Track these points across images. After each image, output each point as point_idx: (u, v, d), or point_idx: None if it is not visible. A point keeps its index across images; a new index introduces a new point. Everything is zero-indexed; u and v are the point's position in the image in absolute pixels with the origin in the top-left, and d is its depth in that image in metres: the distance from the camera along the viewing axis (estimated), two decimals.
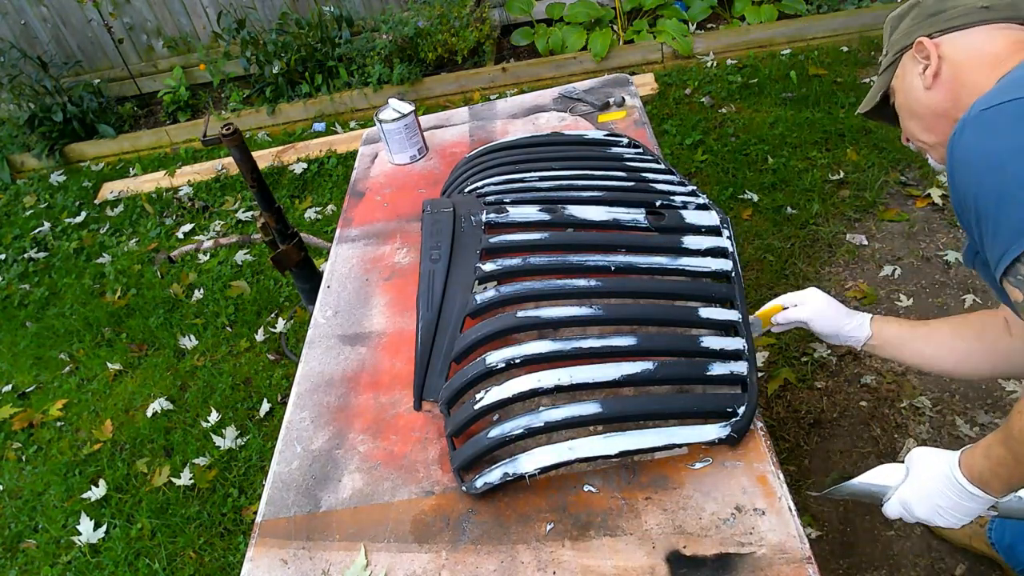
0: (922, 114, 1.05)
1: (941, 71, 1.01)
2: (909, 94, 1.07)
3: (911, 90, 1.06)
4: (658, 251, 1.37)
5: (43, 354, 3.17)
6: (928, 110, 1.04)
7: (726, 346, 1.20)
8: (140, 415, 2.73)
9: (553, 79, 4.11)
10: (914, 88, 1.05)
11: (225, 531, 2.24)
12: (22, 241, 4.02)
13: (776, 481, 1.06)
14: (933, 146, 1.07)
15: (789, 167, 3.06)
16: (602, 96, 2.08)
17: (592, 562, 1.01)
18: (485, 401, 1.16)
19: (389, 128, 1.96)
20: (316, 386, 1.41)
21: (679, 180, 1.60)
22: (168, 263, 3.43)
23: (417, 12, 4.21)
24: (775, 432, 2.10)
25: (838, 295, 2.48)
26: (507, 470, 1.09)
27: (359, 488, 1.20)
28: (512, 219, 1.46)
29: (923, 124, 1.06)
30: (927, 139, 1.07)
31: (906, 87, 1.07)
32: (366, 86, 4.23)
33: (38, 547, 2.36)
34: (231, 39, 4.45)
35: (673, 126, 3.49)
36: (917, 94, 1.05)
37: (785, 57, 3.83)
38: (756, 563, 0.96)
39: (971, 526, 1.73)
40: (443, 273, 1.40)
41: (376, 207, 1.88)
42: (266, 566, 1.12)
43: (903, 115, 1.11)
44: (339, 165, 3.86)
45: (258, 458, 2.41)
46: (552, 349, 1.18)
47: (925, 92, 1.03)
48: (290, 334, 2.88)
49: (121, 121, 4.73)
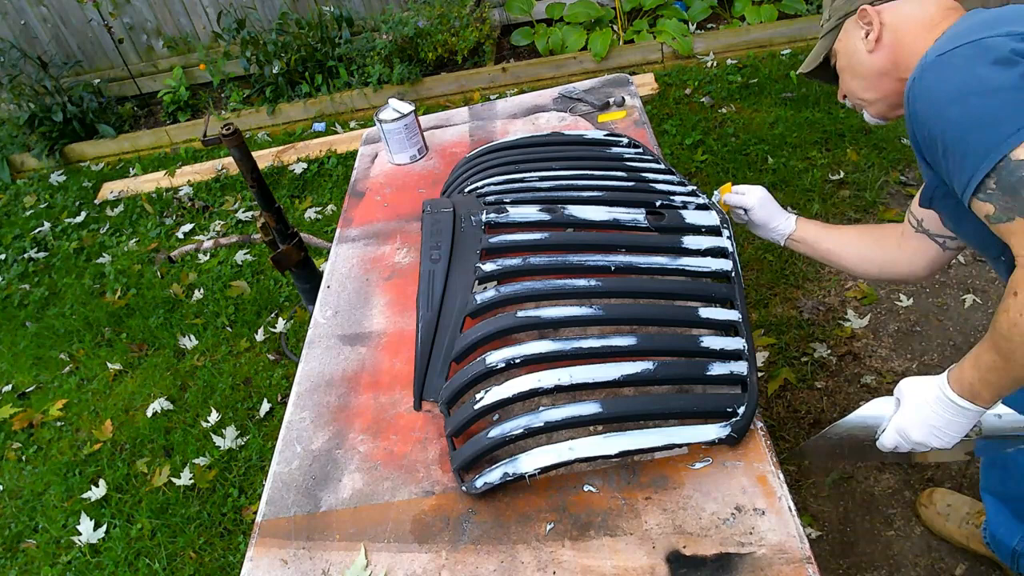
0: (865, 74, 1.17)
1: (883, 36, 1.11)
2: (852, 56, 1.17)
3: (854, 52, 1.17)
4: (658, 251, 1.37)
5: (43, 354, 3.17)
6: (871, 71, 1.15)
7: (726, 346, 1.19)
8: (140, 415, 2.73)
9: (553, 79, 4.11)
10: (857, 51, 1.16)
11: (225, 531, 2.24)
12: (22, 241, 4.02)
13: (776, 481, 1.06)
14: (872, 102, 1.20)
15: (789, 167, 3.06)
16: (602, 96, 2.08)
17: (592, 562, 1.01)
18: (485, 401, 1.16)
19: (389, 128, 1.96)
20: (316, 386, 1.41)
21: (679, 180, 1.60)
22: (168, 263, 3.43)
23: (417, 12, 4.21)
24: (775, 432, 2.10)
25: (838, 295, 2.49)
26: (507, 470, 1.09)
27: (359, 488, 1.20)
28: (512, 219, 1.46)
29: (866, 83, 1.18)
30: (868, 96, 1.19)
31: (849, 50, 1.18)
32: (366, 86, 4.23)
33: (38, 547, 2.36)
34: (231, 39, 4.45)
35: (673, 126, 3.50)
36: (860, 56, 1.15)
37: (785, 57, 3.83)
38: (756, 563, 0.96)
39: (968, 527, 1.74)
40: (443, 273, 1.40)
41: (376, 207, 1.88)
42: (266, 566, 1.12)
43: (845, 75, 1.22)
44: (339, 165, 3.86)
45: (258, 458, 2.42)
46: (552, 349, 1.18)
47: (868, 55, 1.14)
48: (290, 334, 2.88)
49: (121, 121, 4.74)
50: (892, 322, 2.35)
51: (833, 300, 2.48)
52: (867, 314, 2.39)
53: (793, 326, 2.40)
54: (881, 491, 1.93)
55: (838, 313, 2.42)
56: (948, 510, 1.79)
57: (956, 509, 1.78)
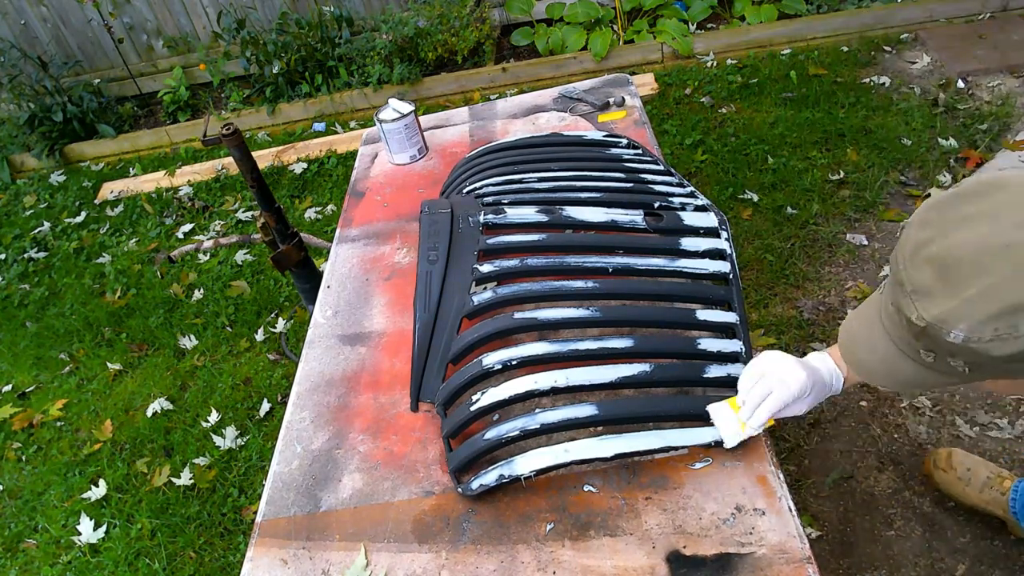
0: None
1: None
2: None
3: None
4: (656, 253, 1.37)
5: (43, 354, 3.17)
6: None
7: (723, 348, 1.20)
8: (140, 415, 2.73)
9: (553, 79, 4.11)
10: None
11: (225, 531, 2.24)
12: (22, 241, 4.02)
13: (776, 481, 1.06)
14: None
15: (789, 167, 3.06)
16: (602, 96, 2.08)
17: (592, 562, 1.01)
18: (481, 403, 1.16)
19: (389, 128, 1.96)
20: (316, 386, 1.41)
21: (678, 181, 1.60)
22: (168, 263, 3.43)
23: (417, 12, 4.21)
24: (775, 432, 2.11)
25: (838, 295, 2.48)
26: (503, 472, 1.10)
27: (359, 488, 1.20)
28: (510, 220, 1.46)
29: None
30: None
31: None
32: (366, 86, 4.23)
33: (38, 547, 2.36)
34: (231, 39, 4.45)
35: (673, 126, 3.50)
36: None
37: (785, 57, 3.83)
38: (756, 563, 0.97)
39: (991, 492, 1.74)
40: (440, 274, 1.40)
41: (376, 207, 1.88)
42: (266, 566, 1.12)
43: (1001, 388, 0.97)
44: (339, 165, 3.86)
45: (258, 458, 2.42)
46: (549, 351, 1.19)
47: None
48: (290, 334, 2.88)
49: (121, 121, 4.74)
50: None
51: (833, 300, 2.48)
52: None
53: (793, 326, 2.40)
54: (881, 491, 1.93)
55: (838, 313, 2.42)
56: (968, 474, 1.78)
57: (976, 473, 1.78)
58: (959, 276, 0.73)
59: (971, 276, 0.72)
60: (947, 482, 1.82)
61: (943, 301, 0.74)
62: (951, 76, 3.35)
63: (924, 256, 0.76)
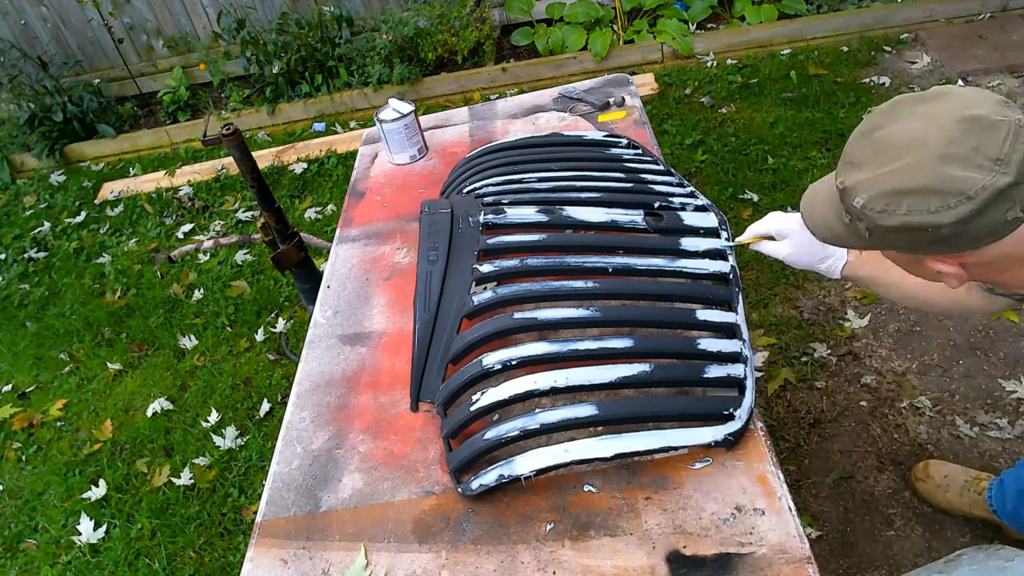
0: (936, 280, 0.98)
1: (967, 274, 0.92)
2: (918, 272, 0.99)
3: (922, 273, 0.98)
4: (656, 253, 1.37)
5: (43, 354, 3.17)
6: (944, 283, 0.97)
7: (724, 348, 1.20)
8: (140, 415, 2.73)
9: (553, 79, 4.11)
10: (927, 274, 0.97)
11: (225, 531, 2.24)
12: (22, 241, 4.02)
13: (776, 481, 1.06)
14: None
15: (789, 167, 3.06)
16: (602, 96, 2.08)
17: (592, 562, 1.01)
18: (481, 403, 1.16)
19: (389, 128, 1.96)
20: (316, 386, 1.41)
21: (678, 181, 1.60)
22: (168, 263, 3.43)
23: (417, 12, 4.21)
24: (775, 432, 2.11)
25: (838, 295, 2.49)
26: (503, 472, 1.09)
27: (359, 488, 1.20)
28: (510, 220, 1.46)
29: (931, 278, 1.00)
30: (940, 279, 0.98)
31: (913, 268, 0.99)
32: (366, 86, 4.23)
33: (38, 547, 2.36)
34: (231, 39, 4.45)
35: (673, 126, 3.50)
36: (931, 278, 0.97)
37: (785, 57, 3.83)
38: (756, 563, 0.96)
39: (970, 495, 1.75)
40: (440, 274, 1.40)
41: (376, 207, 1.88)
42: (266, 566, 1.12)
43: (899, 263, 1.02)
44: (339, 165, 3.86)
45: (258, 458, 2.42)
46: (549, 351, 1.18)
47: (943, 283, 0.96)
48: (290, 334, 2.88)
49: (121, 121, 4.74)
50: (892, 322, 2.35)
51: (833, 300, 2.48)
52: (867, 314, 2.39)
53: (793, 326, 2.40)
54: (881, 491, 1.93)
55: (838, 313, 2.42)
56: (946, 481, 1.80)
57: (954, 478, 1.79)
58: (885, 157, 0.86)
59: (890, 159, 0.85)
60: (928, 492, 1.84)
61: (863, 173, 0.88)
62: (951, 76, 3.35)
63: (872, 136, 0.89)
